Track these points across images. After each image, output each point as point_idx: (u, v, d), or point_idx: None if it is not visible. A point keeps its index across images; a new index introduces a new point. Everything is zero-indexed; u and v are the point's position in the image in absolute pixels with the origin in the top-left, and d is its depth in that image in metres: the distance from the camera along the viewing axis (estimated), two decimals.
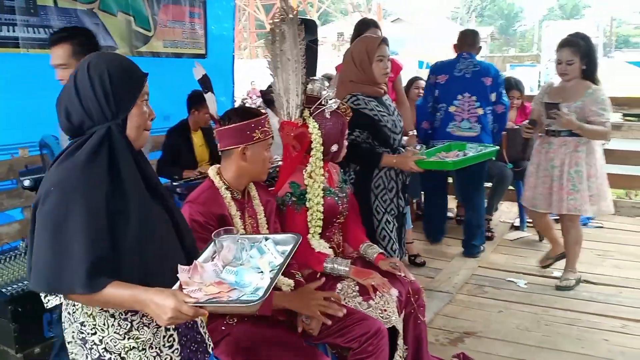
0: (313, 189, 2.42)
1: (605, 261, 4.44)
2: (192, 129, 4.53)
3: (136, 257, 1.49)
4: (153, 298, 1.42)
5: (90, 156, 1.48)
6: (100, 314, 1.55)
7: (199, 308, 1.44)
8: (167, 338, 1.62)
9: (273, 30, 2.51)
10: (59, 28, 3.36)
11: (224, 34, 6.07)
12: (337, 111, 2.50)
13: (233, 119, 2.12)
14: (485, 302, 3.73)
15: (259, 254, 1.65)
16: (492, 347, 3.12)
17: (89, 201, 1.43)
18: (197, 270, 1.52)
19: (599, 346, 3.13)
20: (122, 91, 1.52)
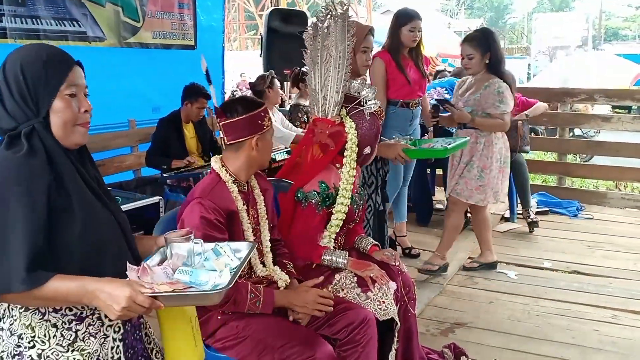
0: (345, 190, 2.38)
1: (595, 252, 4.46)
2: (184, 121, 4.50)
3: (78, 256, 1.40)
4: (104, 287, 1.32)
5: (29, 148, 1.37)
6: (41, 324, 1.41)
7: (155, 300, 1.34)
8: (114, 349, 1.49)
9: (316, 24, 2.45)
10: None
11: (214, 25, 6.04)
12: (374, 113, 2.45)
13: (241, 111, 2.07)
14: (475, 293, 3.74)
15: (215, 256, 1.55)
16: (483, 338, 3.13)
17: (28, 193, 1.32)
18: (146, 271, 1.41)
19: (590, 336, 3.14)
20: (38, 87, 1.39)
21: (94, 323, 1.46)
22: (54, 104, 1.41)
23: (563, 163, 6.27)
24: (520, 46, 29.93)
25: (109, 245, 1.47)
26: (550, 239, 4.76)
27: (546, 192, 5.88)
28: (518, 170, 4.99)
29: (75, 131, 1.44)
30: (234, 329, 2.05)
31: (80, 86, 1.45)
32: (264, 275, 2.17)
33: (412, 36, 3.91)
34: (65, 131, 1.42)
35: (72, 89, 1.43)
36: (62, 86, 1.41)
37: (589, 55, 19.07)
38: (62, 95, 1.41)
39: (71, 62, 1.45)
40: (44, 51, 1.44)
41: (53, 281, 1.31)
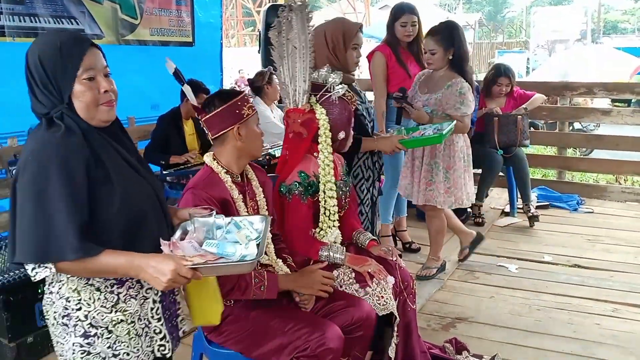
0: (326, 175, 2.40)
1: (595, 246, 4.47)
2: (184, 118, 4.49)
3: (120, 227, 1.50)
4: (150, 262, 1.43)
5: (66, 129, 1.47)
6: (85, 289, 1.53)
7: (195, 271, 1.46)
8: (155, 310, 1.63)
9: (279, 20, 2.47)
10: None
11: (211, 22, 6.02)
12: (344, 98, 2.47)
13: (218, 103, 2.09)
14: (476, 287, 3.74)
15: (236, 229, 1.66)
16: (484, 332, 3.14)
17: (67, 169, 1.42)
18: (177, 246, 1.52)
19: (591, 330, 3.15)
20: (57, 75, 1.47)
21: (134, 286, 1.58)
22: (74, 89, 1.49)
23: (563, 157, 6.26)
24: (519, 40, 29.84)
25: (148, 214, 1.57)
26: (551, 233, 4.76)
27: (546, 186, 5.88)
28: (518, 165, 4.99)
29: (99, 110, 1.52)
30: (240, 319, 2.07)
31: (97, 68, 1.52)
32: (266, 264, 2.19)
33: (404, 31, 3.93)
34: (89, 112, 1.51)
35: (89, 72, 1.50)
36: (78, 71, 1.49)
37: (588, 49, 19.03)
38: (80, 80, 1.49)
39: (85, 46, 1.51)
40: (58, 39, 1.50)
41: (105, 254, 1.43)
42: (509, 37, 32.46)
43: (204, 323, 1.84)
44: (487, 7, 46.80)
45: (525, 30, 33.23)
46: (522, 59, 21.15)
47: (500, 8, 47.25)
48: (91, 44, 1.53)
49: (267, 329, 2.02)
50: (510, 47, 26.51)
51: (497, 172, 5.06)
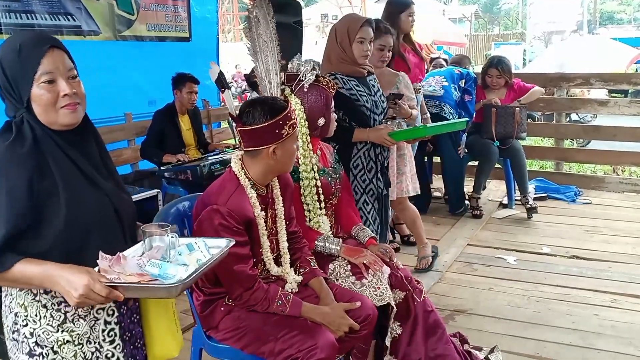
0: (305, 165, 2.40)
1: (594, 237, 4.48)
2: (179, 112, 4.49)
3: (64, 238, 1.42)
4: (64, 273, 1.35)
5: (15, 138, 1.41)
6: (32, 304, 1.46)
7: (114, 289, 1.36)
8: (107, 332, 1.53)
9: (248, 17, 2.50)
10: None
11: (208, 17, 6.01)
12: (319, 85, 2.48)
13: (257, 118, 1.98)
14: (475, 279, 3.75)
15: (188, 251, 1.55)
16: (483, 324, 3.15)
17: (5, 178, 1.36)
18: (120, 261, 1.41)
19: (590, 321, 3.16)
20: (16, 79, 1.42)
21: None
22: (32, 92, 1.42)
23: (560, 148, 6.28)
24: (515, 32, 29.78)
25: (98, 227, 1.48)
26: (549, 225, 4.77)
27: (544, 178, 5.90)
28: (515, 157, 5.00)
29: (59, 114, 1.44)
30: (237, 320, 2.06)
31: (58, 71, 1.44)
32: (277, 275, 2.17)
33: (411, 21, 4.03)
34: (48, 116, 1.44)
35: (48, 75, 1.42)
36: (36, 74, 1.41)
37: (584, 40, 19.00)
38: (38, 83, 1.42)
39: (44, 48, 1.43)
40: (18, 41, 1.44)
41: (20, 264, 1.35)
42: (505, 29, 32.41)
43: (162, 356, 1.67)
44: None
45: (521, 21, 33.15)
46: (518, 51, 21.16)
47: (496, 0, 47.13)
48: (52, 45, 1.44)
49: (261, 334, 2.01)
50: (507, 38, 26.47)
51: (494, 163, 5.08)
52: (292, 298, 2.06)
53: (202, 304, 2.13)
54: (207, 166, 4.03)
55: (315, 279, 2.21)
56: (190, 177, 4.02)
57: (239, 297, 2.02)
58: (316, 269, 2.25)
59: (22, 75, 1.41)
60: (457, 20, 26.42)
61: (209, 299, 2.11)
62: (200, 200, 2.07)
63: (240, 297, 2.02)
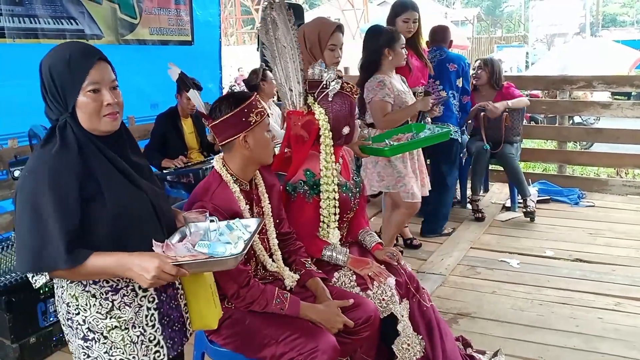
0: (327, 177, 2.36)
1: (597, 239, 4.47)
2: (182, 116, 4.49)
3: (112, 235, 1.55)
4: (135, 260, 1.50)
5: (62, 143, 1.54)
6: (82, 294, 1.61)
7: (180, 268, 1.53)
8: (149, 317, 1.67)
9: (264, 19, 2.45)
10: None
11: (210, 20, 6.01)
12: (342, 92, 2.44)
13: (224, 110, 2.03)
14: (478, 283, 3.74)
15: (229, 230, 1.72)
16: (486, 328, 3.14)
17: (59, 184, 1.49)
18: (170, 247, 1.58)
19: (593, 324, 3.15)
20: (64, 86, 1.54)
21: (129, 294, 1.64)
22: (79, 100, 1.55)
23: (563, 151, 6.26)
24: (518, 35, 29.80)
25: (140, 222, 1.62)
26: (552, 228, 4.76)
27: (547, 181, 5.88)
28: (505, 162, 4.99)
29: (102, 122, 1.58)
30: (237, 323, 2.06)
31: (103, 81, 1.57)
32: (273, 271, 2.18)
33: (406, 27, 3.98)
34: (91, 123, 1.57)
35: (94, 85, 1.55)
36: (84, 84, 1.54)
37: (587, 42, 19.01)
38: (84, 92, 1.55)
39: (93, 60, 1.56)
40: (68, 51, 1.57)
41: (92, 258, 1.50)
42: (508, 32, 32.40)
43: (201, 327, 1.88)
44: (486, 1, 46.74)
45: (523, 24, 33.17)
46: (521, 54, 21.14)
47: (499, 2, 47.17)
48: (99, 58, 1.58)
49: (262, 336, 2.01)
50: (509, 41, 26.45)
51: (483, 164, 5.07)
52: (290, 297, 2.07)
53: None
54: (209, 169, 4.02)
55: (312, 279, 2.23)
56: (193, 180, 4.01)
57: (235, 295, 2.03)
58: (312, 269, 2.26)
59: (71, 83, 1.54)
60: (460, 23, 26.47)
61: None
62: (188, 202, 2.10)
63: (237, 294, 2.02)
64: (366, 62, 3.65)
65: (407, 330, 2.35)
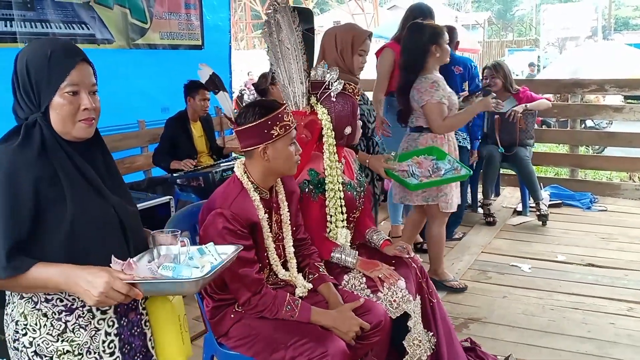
0: (331, 176, 2.38)
1: (609, 244, 4.42)
2: (191, 119, 4.50)
3: (66, 245, 1.42)
4: (83, 273, 1.36)
5: (23, 142, 1.41)
6: (33, 313, 1.46)
7: (133, 287, 1.38)
8: (107, 344, 1.52)
9: (268, 21, 2.48)
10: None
11: (220, 25, 6.04)
12: (345, 92, 2.46)
13: (249, 118, 2.01)
14: (489, 287, 3.71)
15: (199, 255, 1.57)
16: (497, 333, 3.11)
17: (11, 185, 1.36)
18: (131, 266, 1.43)
19: (605, 330, 3.11)
20: (40, 83, 1.43)
21: (84, 315, 1.48)
22: (54, 100, 1.43)
23: (575, 155, 6.21)
24: (529, 38, 29.65)
25: (101, 236, 1.47)
26: (564, 232, 4.72)
27: (559, 185, 5.84)
28: (519, 165, 4.96)
29: (76, 127, 1.46)
30: (246, 327, 2.06)
31: (83, 84, 1.46)
32: (284, 279, 2.17)
33: None
34: (64, 126, 1.45)
35: (73, 87, 1.44)
36: (62, 84, 1.43)
37: (599, 46, 18.87)
38: (62, 92, 1.43)
39: (76, 60, 1.45)
40: (50, 47, 1.45)
41: (35, 268, 1.36)
42: (519, 35, 32.30)
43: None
44: (497, 5, 46.61)
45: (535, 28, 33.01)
46: (532, 57, 21.03)
47: (510, 6, 47.03)
48: (82, 59, 1.46)
49: (271, 341, 2.00)
50: (521, 45, 26.36)
51: (495, 168, 5.04)
52: (301, 303, 2.06)
53: (211, 310, 2.13)
54: (219, 173, 4.04)
55: (324, 284, 2.21)
56: (203, 184, 4.02)
57: (247, 303, 2.02)
58: (325, 274, 2.25)
59: (48, 81, 1.42)
60: (470, 27, 26.38)
61: (218, 304, 2.11)
62: (206, 206, 2.07)
63: (248, 302, 2.01)
64: (410, 61, 3.44)
65: (417, 326, 2.35)
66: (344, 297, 2.21)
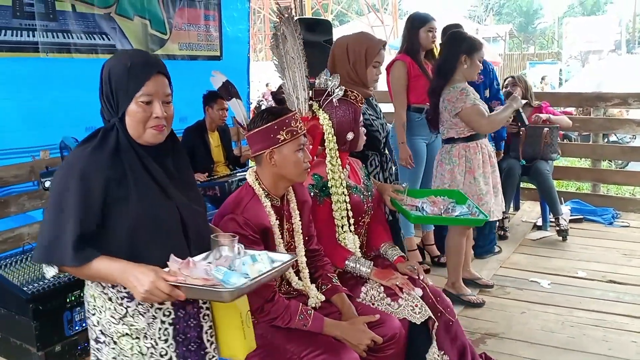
0: (334, 179, 2.39)
1: (631, 261, 4.32)
2: (209, 129, 4.54)
3: (129, 240, 1.55)
4: (134, 270, 1.49)
5: (99, 144, 1.57)
6: (100, 296, 1.62)
7: (176, 288, 1.48)
8: (162, 331, 1.63)
9: (275, 34, 2.55)
10: None
11: (239, 36, 6.08)
12: (347, 99, 2.49)
13: (257, 123, 2.05)
14: (507, 302, 3.65)
15: (251, 262, 1.64)
16: (515, 349, 3.05)
17: (84, 182, 1.51)
18: (189, 265, 1.53)
19: (627, 348, 3.03)
20: (119, 91, 1.57)
21: (144, 303, 1.59)
22: (130, 107, 1.58)
23: (597, 169, 6.10)
24: (551, 51, 29.45)
25: (163, 234, 1.60)
26: (585, 248, 4.63)
27: (580, 200, 5.73)
28: (538, 179, 4.89)
29: (146, 132, 1.60)
30: (259, 337, 2.03)
31: (157, 94, 1.59)
32: (298, 289, 2.16)
33: (431, 37, 3.99)
34: (137, 131, 1.59)
35: (147, 97, 1.58)
36: (137, 93, 1.57)
37: (622, 59, 18.67)
38: (137, 101, 1.57)
39: (152, 72, 1.59)
40: (130, 59, 1.60)
41: (98, 260, 1.52)
42: (541, 49, 32.08)
43: (227, 356, 1.79)
44: (518, 18, 46.45)
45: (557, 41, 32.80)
46: (554, 70, 20.88)
47: (532, 19, 46.83)
48: (158, 71, 1.60)
49: (285, 351, 1.99)
50: (542, 58, 26.16)
51: (514, 180, 4.94)
52: (314, 313, 2.05)
53: None
54: (235, 182, 4.04)
55: (337, 295, 2.20)
56: (219, 193, 4.03)
57: (259, 310, 2.01)
58: (338, 285, 2.24)
59: (126, 90, 1.57)
60: (491, 40, 26.25)
61: None
62: (218, 213, 2.10)
63: (261, 309, 2.01)
64: (443, 66, 3.46)
65: (434, 341, 2.32)
66: (359, 309, 2.20)
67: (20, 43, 4.04)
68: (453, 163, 3.37)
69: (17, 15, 4.01)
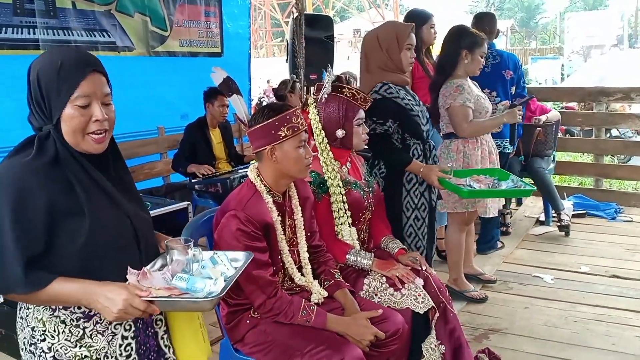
0: (328, 172, 2.38)
1: (635, 255, 4.31)
2: (210, 126, 4.53)
3: (82, 257, 1.42)
4: (102, 290, 1.38)
5: (37, 153, 1.40)
6: (50, 320, 1.47)
7: (150, 303, 1.40)
8: (124, 347, 1.53)
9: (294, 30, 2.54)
10: None
11: (240, 32, 6.08)
12: (338, 95, 2.44)
13: (258, 119, 2.04)
14: (510, 298, 3.64)
15: (212, 264, 1.57)
16: (518, 344, 3.05)
17: (22, 199, 1.35)
18: (146, 276, 1.45)
19: (631, 343, 3.03)
20: (50, 95, 1.40)
21: (102, 321, 1.49)
22: (64, 111, 1.41)
23: (600, 164, 6.08)
24: (553, 46, 29.33)
25: (117, 247, 1.48)
26: (588, 243, 4.62)
27: (583, 194, 5.72)
28: (535, 176, 4.87)
29: (85, 140, 1.44)
30: (262, 334, 2.05)
31: (94, 95, 1.43)
32: (300, 285, 2.16)
33: (433, 33, 3.99)
34: (74, 138, 1.43)
35: (84, 99, 1.41)
36: (72, 96, 1.40)
37: (625, 54, 18.58)
38: (72, 104, 1.41)
39: (86, 71, 1.42)
40: (61, 58, 1.42)
41: (55, 283, 1.38)
42: (543, 44, 31.98)
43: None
44: (519, 13, 46.30)
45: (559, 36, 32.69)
46: (556, 65, 20.80)
47: (533, 14, 46.67)
48: (94, 69, 1.44)
49: (288, 347, 1.98)
50: (544, 53, 26.08)
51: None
52: (317, 309, 2.05)
53: (227, 315, 2.13)
54: (237, 179, 4.04)
55: (340, 290, 2.20)
56: (220, 190, 4.03)
57: (262, 306, 2.01)
58: (341, 281, 2.23)
59: (58, 93, 1.39)
60: None
61: (234, 310, 2.11)
62: (220, 209, 2.09)
63: (263, 305, 2.01)
64: (442, 62, 3.41)
65: (433, 331, 2.33)
66: (362, 305, 2.19)
67: (21, 40, 4.05)
68: (451, 158, 3.34)
69: (17, 13, 4.01)
